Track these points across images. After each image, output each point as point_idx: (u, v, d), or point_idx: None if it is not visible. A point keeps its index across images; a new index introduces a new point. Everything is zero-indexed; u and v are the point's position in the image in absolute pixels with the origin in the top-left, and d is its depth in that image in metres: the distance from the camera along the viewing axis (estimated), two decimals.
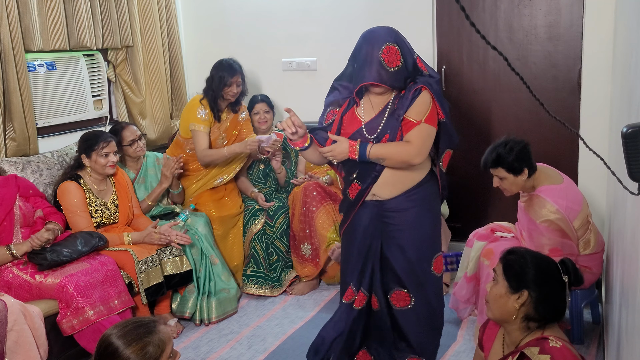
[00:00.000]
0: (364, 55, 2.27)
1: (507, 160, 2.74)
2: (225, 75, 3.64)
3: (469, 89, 4.06)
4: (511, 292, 1.81)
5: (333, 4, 4.22)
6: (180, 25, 4.59)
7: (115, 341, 1.67)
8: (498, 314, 1.86)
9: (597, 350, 2.91)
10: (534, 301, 1.78)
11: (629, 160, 1.09)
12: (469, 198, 4.22)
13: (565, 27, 3.70)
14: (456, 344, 3.05)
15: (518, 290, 1.80)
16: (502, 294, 1.83)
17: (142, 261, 3.11)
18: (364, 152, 2.29)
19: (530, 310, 1.79)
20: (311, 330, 3.25)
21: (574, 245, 2.76)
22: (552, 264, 1.84)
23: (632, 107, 1.86)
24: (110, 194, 3.30)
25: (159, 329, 1.73)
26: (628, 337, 1.72)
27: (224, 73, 3.65)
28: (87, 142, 3.22)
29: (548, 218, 2.70)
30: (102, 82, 3.99)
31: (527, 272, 1.81)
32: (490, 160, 2.81)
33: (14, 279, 2.84)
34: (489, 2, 3.87)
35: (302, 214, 3.71)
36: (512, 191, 2.84)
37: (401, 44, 2.28)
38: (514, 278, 1.82)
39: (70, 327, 2.78)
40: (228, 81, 3.65)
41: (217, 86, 3.66)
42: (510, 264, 1.85)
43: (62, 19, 3.57)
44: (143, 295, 3.09)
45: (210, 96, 3.70)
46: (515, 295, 1.80)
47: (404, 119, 2.31)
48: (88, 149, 3.20)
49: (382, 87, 2.29)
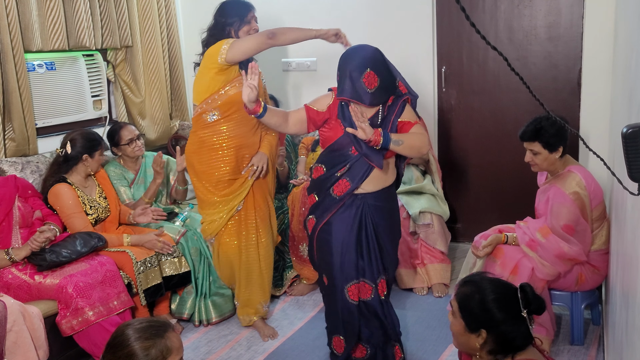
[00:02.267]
0: (348, 74, 2.46)
1: (547, 134, 2.74)
2: (242, 10, 3.10)
3: (468, 89, 4.06)
4: (469, 331, 1.75)
5: (333, 5, 4.21)
6: (180, 25, 4.58)
7: (127, 332, 1.71)
8: (463, 348, 1.82)
9: (597, 352, 2.90)
10: (494, 339, 1.72)
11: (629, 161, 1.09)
12: (468, 199, 4.22)
13: (566, 28, 3.70)
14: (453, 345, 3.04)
15: (476, 330, 1.74)
16: (462, 332, 1.77)
17: (141, 262, 3.11)
18: (387, 138, 2.42)
19: (493, 346, 1.73)
20: (310, 331, 3.24)
21: (588, 228, 2.77)
22: (511, 296, 1.75)
23: (632, 108, 1.86)
24: (95, 189, 3.29)
25: (169, 335, 1.72)
26: (628, 338, 1.71)
27: (240, 9, 3.10)
28: (91, 142, 3.23)
29: (576, 190, 2.73)
30: (102, 82, 3.98)
31: (485, 311, 1.73)
32: (529, 132, 2.79)
33: (13, 279, 2.83)
34: (489, 3, 3.87)
35: (302, 214, 3.70)
36: (542, 168, 2.85)
37: (379, 69, 2.46)
38: (471, 318, 1.75)
39: (70, 327, 2.77)
40: (246, 17, 3.09)
41: (235, 26, 3.06)
42: (466, 301, 1.76)
43: (62, 19, 3.57)
44: (142, 296, 3.09)
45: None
46: (473, 335, 1.74)
47: (400, 122, 2.53)
48: (91, 149, 3.20)
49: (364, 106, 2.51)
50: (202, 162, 3.09)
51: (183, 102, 4.60)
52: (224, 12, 3.10)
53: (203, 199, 3.15)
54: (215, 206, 3.11)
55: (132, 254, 3.10)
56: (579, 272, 2.84)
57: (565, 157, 2.84)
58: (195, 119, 3.09)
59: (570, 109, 3.66)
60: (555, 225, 2.75)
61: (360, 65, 2.43)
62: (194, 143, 3.12)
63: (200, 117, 3.06)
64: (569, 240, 2.74)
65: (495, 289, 1.76)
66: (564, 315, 3.16)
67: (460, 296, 1.78)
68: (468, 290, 1.78)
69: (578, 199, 2.73)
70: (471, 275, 1.85)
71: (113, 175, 3.51)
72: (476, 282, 1.79)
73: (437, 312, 3.36)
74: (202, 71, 3.05)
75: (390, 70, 2.53)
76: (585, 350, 2.91)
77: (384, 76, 2.48)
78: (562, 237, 2.75)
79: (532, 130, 2.78)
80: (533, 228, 2.86)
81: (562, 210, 2.74)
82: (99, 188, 3.31)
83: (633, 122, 1.09)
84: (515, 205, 3.92)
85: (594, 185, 2.79)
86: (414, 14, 4.01)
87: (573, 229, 2.74)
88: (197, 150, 3.10)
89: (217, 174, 3.07)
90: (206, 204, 3.15)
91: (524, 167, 3.10)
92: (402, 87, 2.59)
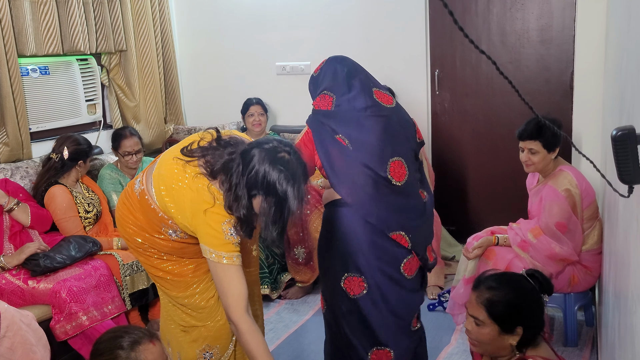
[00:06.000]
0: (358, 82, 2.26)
1: (548, 133, 2.76)
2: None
3: (462, 92, 4.08)
4: (505, 333, 1.74)
5: (327, 9, 4.23)
6: (174, 30, 4.58)
7: (98, 345, 1.71)
8: (490, 351, 1.80)
9: (590, 353, 2.91)
10: (527, 332, 1.74)
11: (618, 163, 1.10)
12: (462, 201, 4.23)
13: (558, 31, 3.72)
14: (449, 346, 3.05)
15: (512, 330, 1.73)
16: (495, 336, 1.75)
17: (127, 265, 3.10)
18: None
19: (523, 340, 1.74)
20: (305, 334, 3.24)
21: (579, 226, 2.79)
22: (524, 284, 1.78)
23: (623, 110, 1.87)
24: (82, 187, 3.30)
25: (138, 347, 1.65)
26: (621, 339, 1.72)
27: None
28: (86, 148, 3.27)
29: (568, 187, 2.76)
30: (96, 87, 3.98)
31: (515, 310, 1.73)
32: (530, 130, 2.80)
33: (7, 284, 2.83)
34: (482, 6, 3.89)
35: None
36: (537, 168, 2.86)
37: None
38: (505, 319, 1.74)
39: (64, 332, 2.77)
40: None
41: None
42: (493, 306, 1.75)
43: (56, 23, 3.57)
44: (127, 301, 3.07)
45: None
46: (509, 335, 1.74)
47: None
48: (86, 155, 3.26)
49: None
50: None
51: (177, 106, 4.60)
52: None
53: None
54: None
55: (118, 257, 3.09)
56: (571, 274, 2.85)
57: (557, 158, 2.87)
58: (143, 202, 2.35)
59: (562, 112, 3.68)
60: (548, 223, 2.77)
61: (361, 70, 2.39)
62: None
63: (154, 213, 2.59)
64: (561, 240, 2.76)
65: (514, 283, 1.78)
66: (557, 316, 3.17)
67: (485, 304, 1.75)
68: (488, 295, 1.76)
69: (570, 197, 2.76)
70: (477, 281, 1.82)
71: (108, 179, 3.50)
72: (490, 285, 1.78)
73: (433, 314, 3.37)
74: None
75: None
76: (579, 352, 2.92)
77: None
78: (555, 236, 2.76)
79: (533, 128, 2.79)
80: (525, 229, 2.88)
81: (555, 207, 2.76)
82: (85, 187, 3.31)
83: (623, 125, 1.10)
84: (508, 207, 3.93)
85: (586, 185, 2.81)
86: (407, 18, 4.02)
87: (566, 227, 2.76)
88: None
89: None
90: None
91: (517, 169, 3.11)
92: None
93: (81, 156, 3.21)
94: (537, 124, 2.77)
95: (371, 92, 2.26)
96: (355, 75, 2.27)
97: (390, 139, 2.21)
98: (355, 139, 2.18)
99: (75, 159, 3.20)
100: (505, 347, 1.75)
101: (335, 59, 2.32)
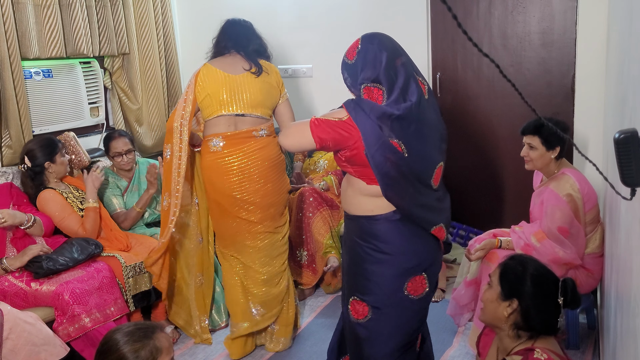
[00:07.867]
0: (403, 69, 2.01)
1: (548, 131, 2.78)
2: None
3: (463, 95, 4.09)
4: (502, 298, 1.82)
5: (329, 12, 4.24)
6: (176, 32, 4.60)
7: (116, 337, 1.73)
8: (489, 318, 1.88)
9: (592, 356, 2.91)
10: (523, 311, 1.79)
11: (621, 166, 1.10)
12: (463, 204, 4.23)
13: (559, 34, 3.73)
14: (451, 349, 3.05)
15: (509, 298, 1.81)
16: (494, 299, 1.84)
17: (130, 267, 3.10)
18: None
19: (519, 320, 1.80)
20: (307, 337, 3.24)
21: (582, 231, 2.80)
22: (551, 280, 1.83)
23: (625, 113, 1.87)
24: (70, 188, 3.31)
25: (158, 336, 1.75)
26: (623, 342, 1.73)
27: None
28: (47, 148, 3.21)
29: (570, 192, 2.76)
30: (99, 90, 3.99)
31: (521, 282, 1.81)
32: (531, 125, 2.84)
33: (10, 287, 2.83)
34: (483, 9, 3.90)
35: (298, 219, 3.71)
36: (536, 165, 2.87)
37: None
38: (507, 285, 1.83)
39: (67, 334, 2.77)
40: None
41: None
42: (508, 270, 1.85)
43: (59, 26, 3.58)
44: (130, 302, 3.07)
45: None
46: (505, 303, 1.81)
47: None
48: (50, 154, 3.20)
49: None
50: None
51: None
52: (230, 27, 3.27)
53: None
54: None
55: (121, 258, 3.10)
56: (573, 277, 2.85)
57: (561, 160, 2.87)
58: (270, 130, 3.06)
59: (564, 114, 3.69)
60: (550, 227, 2.77)
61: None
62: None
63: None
64: (564, 244, 2.76)
65: (539, 268, 1.85)
66: (559, 319, 3.17)
67: (503, 266, 1.87)
68: (513, 262, 1.87)
69: (572, 202, 2.76)
70: (519, 253, 1.92)
71: (105, 184, 3.50)
72: (523, 258, 1.89)
73: (434, 316, 3.36)
74: (274, 85, 3.14)
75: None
76: (581, 355, 2.92)
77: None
78: (558, 239, 2.76)
79: (533, 125, 2.83)
80: (528, 232, 2.88)
81: (556, 212, 2.77)
82: (74, 187, 3.32)
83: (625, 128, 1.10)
84: (510, 210, 3.94)
85: (588, 189, 2.81)
86: (409, 20, 4.03)
87: (567, 231, 2.76)
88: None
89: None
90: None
91: (519, 172, 3.12)
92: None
93: (45, 158, 3.18)
94: (539, 120, 2.79)
95: (416, 80, 2.01)
96: (398, 57, 1.99)
97: (434, 142, 2.07)
98: (408, 143, 1.95)
99: (39, 164, 3.17)
100: (500, 316, 1.82)
101: (371, 41, 1.99)
